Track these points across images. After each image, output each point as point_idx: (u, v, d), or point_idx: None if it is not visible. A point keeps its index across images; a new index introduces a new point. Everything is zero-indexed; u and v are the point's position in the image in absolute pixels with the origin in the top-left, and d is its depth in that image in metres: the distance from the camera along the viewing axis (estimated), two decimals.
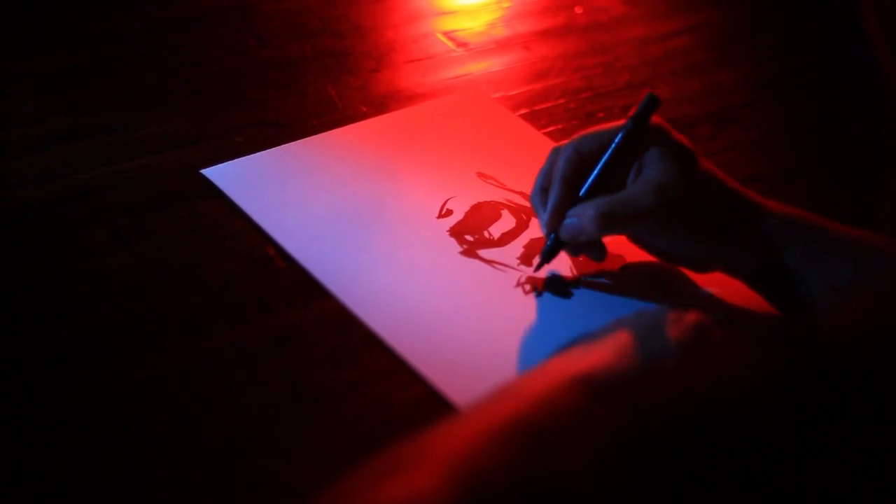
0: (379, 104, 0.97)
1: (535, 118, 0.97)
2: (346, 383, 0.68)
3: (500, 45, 1.08)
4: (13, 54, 0.99)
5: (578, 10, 1.15)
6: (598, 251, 0.75)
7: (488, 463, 0.46)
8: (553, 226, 0.73)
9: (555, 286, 0.76)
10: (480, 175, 0.87)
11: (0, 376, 0.67)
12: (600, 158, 0.72)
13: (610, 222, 0.70)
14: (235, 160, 0.86)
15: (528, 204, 0.84)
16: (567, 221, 0.72)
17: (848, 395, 0.44)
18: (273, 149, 0.88)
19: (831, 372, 0.46)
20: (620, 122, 0.72)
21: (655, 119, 0.72)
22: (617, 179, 0.73)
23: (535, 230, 0.82)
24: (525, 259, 0.79)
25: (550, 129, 0.95)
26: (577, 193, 0.73)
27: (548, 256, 0.75)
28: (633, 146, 0.71)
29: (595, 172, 0.72)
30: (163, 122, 0.91)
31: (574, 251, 0.76)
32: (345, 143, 0.90)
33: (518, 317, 0.73)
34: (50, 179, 0.83)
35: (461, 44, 1.08)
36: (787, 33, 1.17)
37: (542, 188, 0.74)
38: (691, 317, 0.61)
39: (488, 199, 0.84)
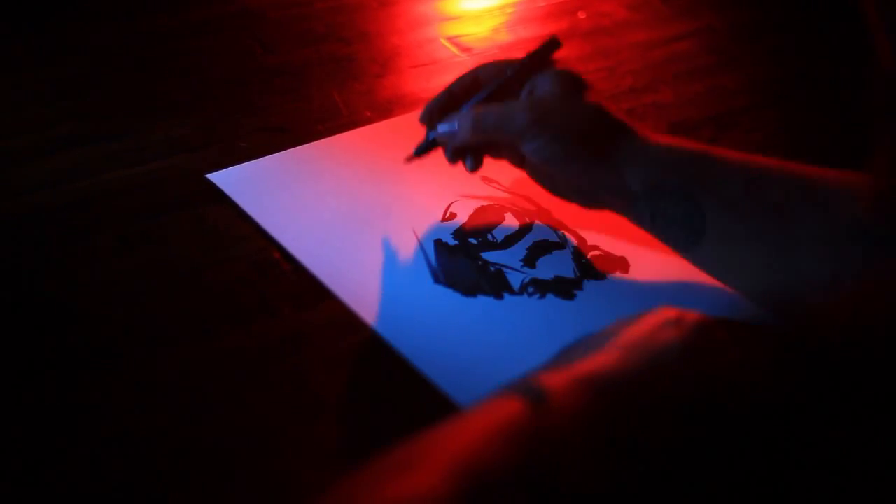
0: (384, 109, 0.97)
1: None
2: (351, 385, 0.69)
3: (504, 50, 1.09)
4: (20, 63, 0.99)
5: (581, 14, 1.16)
6: (473, 160, 0.79)
7: (490, 462, 0.46)
8: (423, 118, 0.79)
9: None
10: (484, 178, 0.88)
11: (5, 379, 0.67)
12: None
13: (481, 124, 0.74)
14: (241, 165, 0.87)
15: (531, 207, 0.85)
16: (444, 123, 0.77)
17: (845, 393, 0.45)
18: (278, 153, 0.89)
19: (830, 370, 0.47)
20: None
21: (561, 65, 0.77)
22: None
23: (539, 233, 0.82)
24: (529, 262, 0.79)
25: None
26: (458, 106, 0.78)
27: (419, 152, 0.80)
28: (525, 79, 0.76)
29: (482, 93, 0.77)
30: (169, 127, 0.92)
31: (452, 157, 0.79)
32: (349, 148, 0.90)
33: (521, 318, 0.74)
34: (57, 185, 0.84)
35: (465, 49, 1.08)
36: (789, 37, 1.17)
37: None
38: (693, 317, 0.61)
39: (492, 203, 0.85)
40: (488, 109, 0.74)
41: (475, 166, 0.79)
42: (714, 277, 0.74)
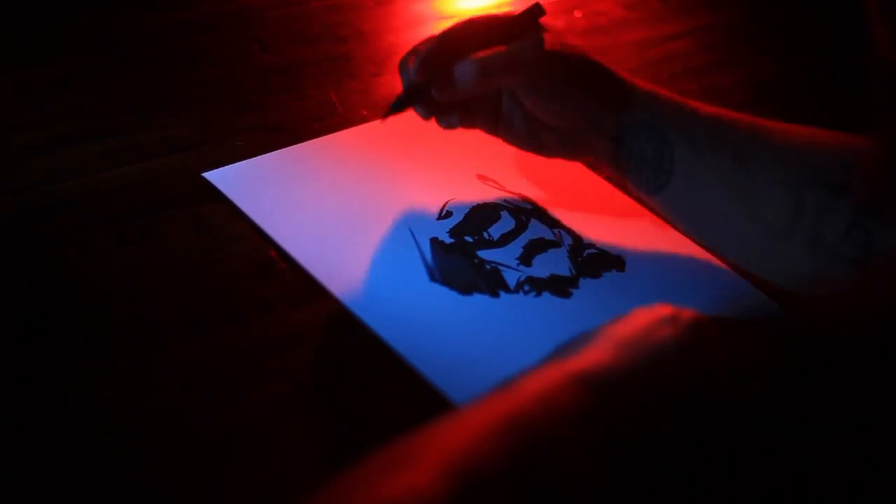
0: (380, 108, 0.97)
1: None
2: (348, 383, 0.69)
3: None
4: (17, 61, 0.99)
5: (578, 13, 1.16)
6: (450, 117, 0.79)
7: (486, 459, 0.46)
8: (420, 68, 0.77)
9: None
10: (480, 177, 0.88)
11: (2, 377, 0.67)
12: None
13: (487, 68, 0.76)
14: (237, 163, 0.87)
15: (527, 206, 0.85)
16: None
17: (841, 389, 0.45)
18: (274, 152, 0.89)
19: (826, 367, 0.47)
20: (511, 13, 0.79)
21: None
22: None
23: (535, 231, 0.82)
24: (525, 260, 0.79)
25: None
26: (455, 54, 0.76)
27: (396, 108, 0.79)
28: (511, 39, 0.77)
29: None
30: (165, 126, 0.92)
31: (426, 111, 0.79)
32: (346, 146, 0.90)
33: (517, 317, 0.74)
34: (53, 183, 0.84)
35: None
36: (786, 35, 1.17)
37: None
38: (688, 314, 0.61)
39: (488, 201, 0.85)
40: (491, 54, 0.76)
41: (453, 125, 0.79)
42: (681, 227, 0.78)
